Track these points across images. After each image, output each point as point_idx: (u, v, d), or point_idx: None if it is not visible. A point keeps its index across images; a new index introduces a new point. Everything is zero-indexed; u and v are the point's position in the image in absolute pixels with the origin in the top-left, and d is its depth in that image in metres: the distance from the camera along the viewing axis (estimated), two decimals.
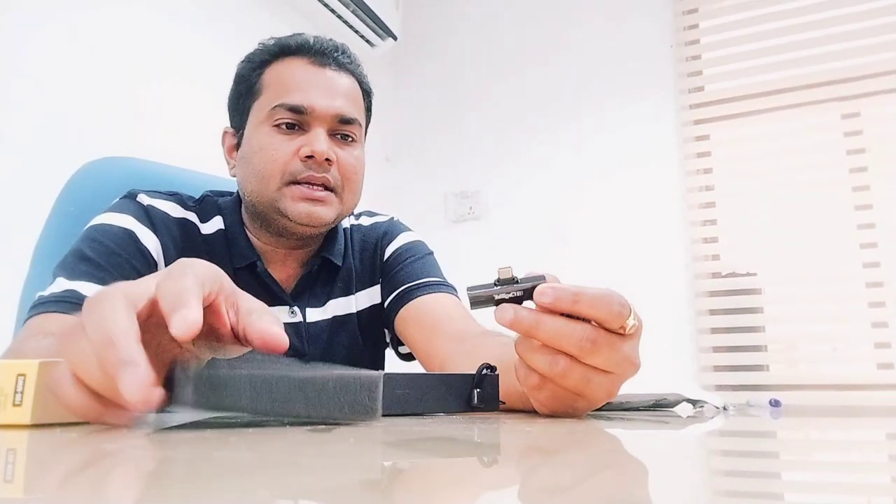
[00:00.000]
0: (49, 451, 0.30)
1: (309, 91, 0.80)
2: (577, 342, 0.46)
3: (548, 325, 0.46)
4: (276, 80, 0.82)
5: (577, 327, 0.46)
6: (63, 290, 0.69)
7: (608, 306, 0.46)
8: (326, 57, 0.83)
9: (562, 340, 0.46)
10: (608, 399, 0.51)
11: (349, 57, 0.86)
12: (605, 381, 0.48)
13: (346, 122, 0.82)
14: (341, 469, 0.25)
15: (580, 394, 0.48)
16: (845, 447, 0.41)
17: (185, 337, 0.36)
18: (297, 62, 0.82)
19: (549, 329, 0.46)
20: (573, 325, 0.46)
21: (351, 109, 0.82)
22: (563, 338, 0.46)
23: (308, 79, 0.81)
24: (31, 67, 1.31)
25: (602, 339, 0.46)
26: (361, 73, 0.88)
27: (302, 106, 0.79)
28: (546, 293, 0.46)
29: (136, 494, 0.21)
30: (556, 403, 0.50)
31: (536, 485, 0.23)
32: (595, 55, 2.31)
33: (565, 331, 0.46)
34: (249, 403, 0.38)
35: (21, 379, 0.38)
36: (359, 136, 0.85)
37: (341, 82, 0.83)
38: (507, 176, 2.37)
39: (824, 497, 0.23)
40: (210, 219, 0.86)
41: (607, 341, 0.46)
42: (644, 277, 2.07)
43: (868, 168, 1.98)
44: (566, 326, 0.46)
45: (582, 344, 0.46)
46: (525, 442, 0.36)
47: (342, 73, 0.84)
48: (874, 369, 1.90)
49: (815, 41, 2.06)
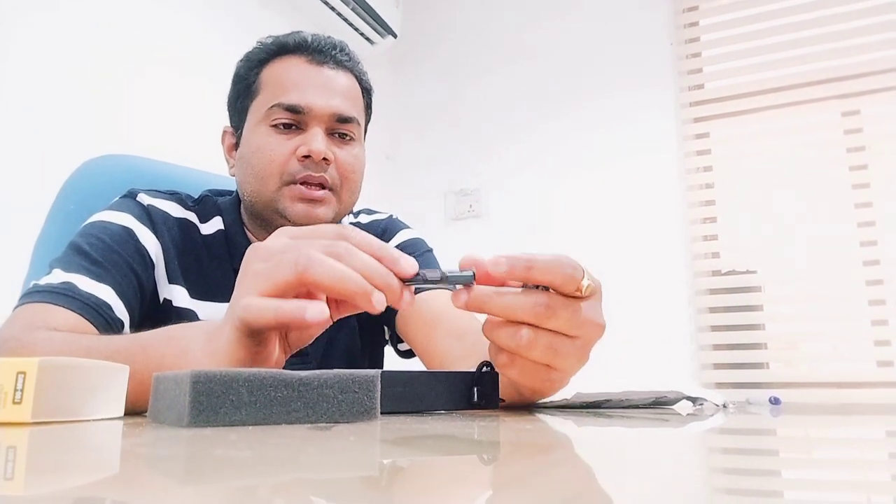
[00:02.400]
0: (49, 449, 0.30)
1: (306, 90, 0.80)
2: (531, 308, 0.46)
3: (500, 298, 0.47)
4: (274, 79, 0.81)
5: (530, 295, 0.47)
6: (60, 283, 0.68)
7: (560, 269, 0.47)
8: (324, 55, 0.83)
9: (517, 310, 0.47)
10: (579, 365, 0.51)
11: (348, 55, 0.85)
12: (571, 347, 0.49)
13: (344, 121, 0.82)
14: (341, 467, 0.25)
15: (549, 364, 0.49)
16: (845, 445, 0.41)
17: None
18: (295, 61, 0.82)
19: (503, 302, 0.47)
20: (525, 293, 0.47)
21: (349, 108, 0.82)
22: (518, 307, 0.47)
23: (305, 78, 0.81)
24: (30, 65, 1.31)
25: (557, 303, 0.47)
26: (360, 70, 0.87)
27: (299, 105, 0.79)
28: (500, 262, 0.47)
29: (135, 492, 0.21)
30: (530, 378, 0.50)
31: (535, 483, 0.23)
32: (595, 53, 2.31)
33: (518, 300, 0.47)
34: (248, 405, 0.38)
35: (21, 376, 0.38)
36: (357, 135, 0.84)
37: (339, 81, 0.83)
38: (506, 174, 2.37)
39: (824, 495, 0.23)
40: (210, 219, 0.86)
41: (563, 304, 0.47)
42: (644, 275, 2.07)
43: (868, 166, 1.98)
44: (518, 296, 0.47)
45: (537, 310, 0.46)
46: (525, 439, 0.36)
47: (340, 71, 0.84)
48: (874, 367, 1.90)
49: (815, 39, 2.06)
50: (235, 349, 0.48)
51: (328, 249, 0.46)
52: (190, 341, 0.53)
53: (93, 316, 0.67)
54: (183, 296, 0.80)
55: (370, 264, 0.46)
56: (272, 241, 0.50)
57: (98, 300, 0.68)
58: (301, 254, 0.45)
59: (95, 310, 0.68)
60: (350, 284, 0.45)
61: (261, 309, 0.45)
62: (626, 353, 1.99)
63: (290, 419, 0.39)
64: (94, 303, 0.68)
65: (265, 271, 0.47)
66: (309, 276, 0.45)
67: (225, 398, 0.37)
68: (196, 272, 0.81)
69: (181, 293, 0.80)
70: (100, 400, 0.43)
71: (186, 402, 0.36)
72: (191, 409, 0.36)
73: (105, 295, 0.70)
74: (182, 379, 0.37)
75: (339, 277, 0.45)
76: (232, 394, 0.37)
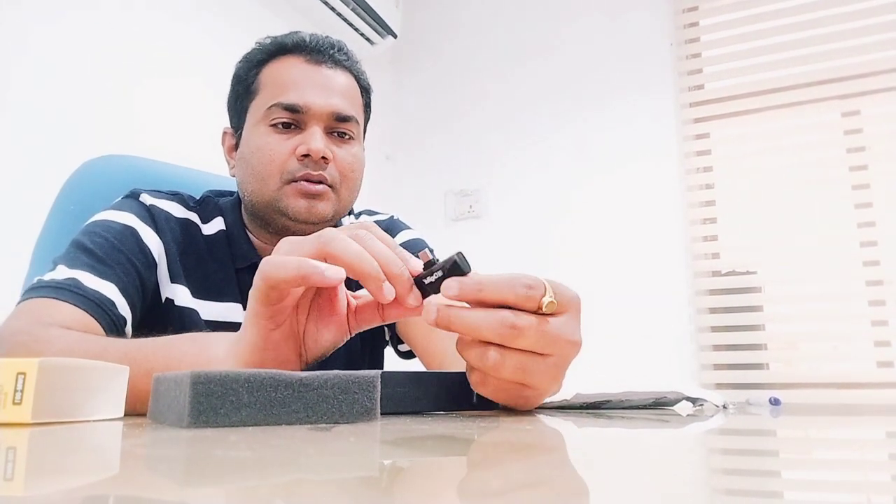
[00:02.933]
0: (49, 450, 0.30)
1: (304, 90, 0.80)
2: (496, 329, 0.45)
3: (463, 317, 0.46)
4: (272, 79, 0.82)
5: (493, 314, 0.45)
6: (65, 278, 0.68)
7: (512, 289, 0.45)
8: (322, 54, 0.83)
9: (480, 330, 0.46)
10: (555, 384, 0.50)
11: (346, 54, 0.85)
12: (543, 365, 0.47)
13: (343, 120, 0.82)
14: (341, 468, 0.25)
15: (521, 383, 0.48)
16: (845, 445, 0.41)
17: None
18: (293, 61, 0.82)
19: (466, 321, 0.46)
20: (489, 312, 0.46)
21: (347, 107, 0.82)
22: (481, 327, 0.45)
23: (304, 77, 0.81)
24: (31, 65, 1.31)
25: (522, 322, 0.45)
26: (359, 69, 0.87)
27: (297, 105, 0.79)
28: (451, 287, 0.46)
29: (135, 493, 0.21)
30: (504, 396, 0.49)
31: (535, 484, 0.23)
32: (595, 53, 2.31)
33: (481, 320, 0.45)
34: (248, 406, 0.38)
35: (21, 377, 0.38)
36: (356, 134, 0.85)
37: (337, 80, 0.83)
38: (506, 174, 2.37)
39: (824, 495, 0.23)
40: (211, 219, 0.86)
41: (528, 323, 0.45)
42: (644, 276, 2.07)
43: (868, 166, 1.98)
44: (481, 315, 0.45)
45: (501, 330, 0.45)
46: (525, 440, 0.36)
47: (338, 70, 0.84)
48: (874, 367, 1.90)
49: (816, 39, 2.06)
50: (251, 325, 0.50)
51: (350, 233, 0.49)
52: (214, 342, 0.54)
53: (97, 312, 0.67)
54: (185, 295, 0.80)
55: (386, 252, 0.48)
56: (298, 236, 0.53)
57: (102, 297, 0.69)
58: (325, 234, 0.49)
59: (99, 306, 0.68)
60: (366, 265, 0.47)
61: (284, 262, 0.47)
62: (626, 354, 1.99)
63: (290, 420, 0.39)
64: (98, 299, 0.68)
65: (291, 250, 0.50)
66: (330, 249, 0.48)
67: (225, 399, 0.37)
68: (198, 272, 0.82)
69: (183, 292, 0.80)
70: (100, 400, 0.43)
71: (186, 403, 0.36)
72: (191, 410, 0.36)
73: (109, 292, 0.70)
74: (182, 379, 0.37)
75: (357, 256, 0.47)
76: (232, 394, 0.37)
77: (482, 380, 0.48)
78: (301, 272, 0.47)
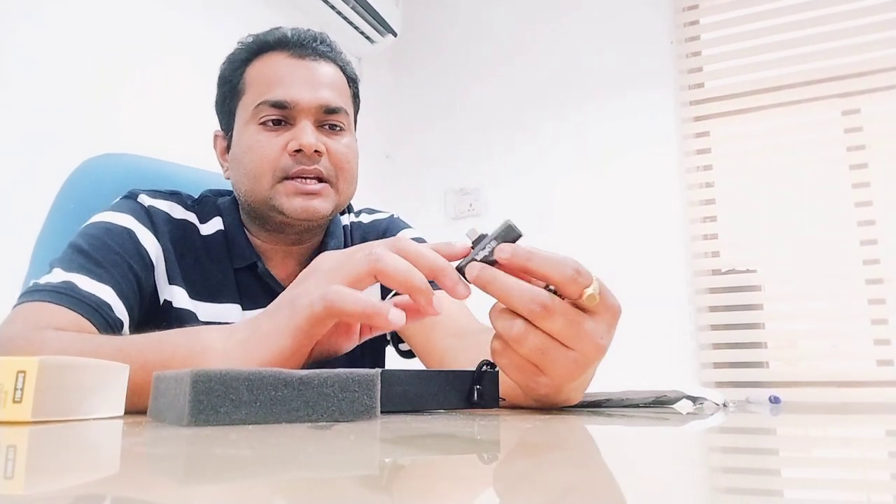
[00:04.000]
0: (49, 448, 0.30)
1: (291, 85, 0.79)
2: (527, 301, 0.45)
3: (500, 280, 0.47)
4: (258, 77, 0.81)
5: (530, 287, 0.46)
6: (60, 282, 0.68)
7: (560, 268, 0.46)
8: (305, 48, 0.82)
9: (511, 298, 0.46)
10: (571, 383, 0.49)
11: (329, 45, 0.85)
12: (564, 357, 0.47)
13: (332, 112, 0.81)
14: (341, 466, 0.25)
15: (538, 365, 0.48)
16: (845, 444, 0.41)
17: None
18: (277, 57, 0.82)
19: (502, 285, 0.46)
20: (526, 283, 0.46)
21: (335, 98, 0.82)
22: (513, 295, 0.46)
23: (289, 72, 0.80)
24: (30, 64, 1.31)
25: (556, 306, 0.46)
26: (344, 59, 0.87)
27: (285, 101, 0.79)
28: (504, 250, 0.47)
29: (136, 491, 0.21)
30: (518, 375, 0.49)
31: (536, 482, 0.23)
32: (595, 51, 2.31)
33: (515, 288, 0.46)
34: (248, 404, 0.38)
35: (21, 375, 0.38)
36: (347, 125, 0.84)
37: (323, 72, 0.82)
38: (506, 173, 2.37)
39: (824, 493, 0.23)
40: (209, 219, 0.85)
41: (562, 309, 0.46)
42: (644, 274, 2.07)
43: (868, 165, 1.98)
44: (518, 284, 0.46)
45: (532, 305, 0.45)
46: (524, 439, 0.36)
47: (323, 62, 0.83)
48: (874, 366, 1.91)
49: (816, 38, 2.06)
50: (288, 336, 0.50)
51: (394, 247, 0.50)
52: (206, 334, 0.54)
53: (93, 316, 0.67)
54: (183, 297, 0.80)
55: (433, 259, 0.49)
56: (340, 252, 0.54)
57: (98, 300, 0.69)
58: (373, 250, 0.49)
59: (95, 309, 0.68)
60: (417, 282, 0.48)
61: (354, 298, 0.48)
62: (626, 352, 1.99)
63: (290, 418, 0.39)
64: (94, 302, 0.68)
65: (339, 267, 0.51)
66: (380, 267, 0.48)
67: (225, 397, 0.37)
68: (196, 273, 0.81)
69: (181, 294, 0.80)
70: (100, 399, 0.43)
71: (186, 401, 0.36)
72: (191, 408, 0.36)
73: (105, 295, 0.70)
74: (182, 378, 0.37)
75: (407, 273, 0.48)
76: (232, 393, 0.37)
77: (501, 349, 0.49)
78: (367, 312, 0.47)
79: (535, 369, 0.48)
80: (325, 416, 0.40)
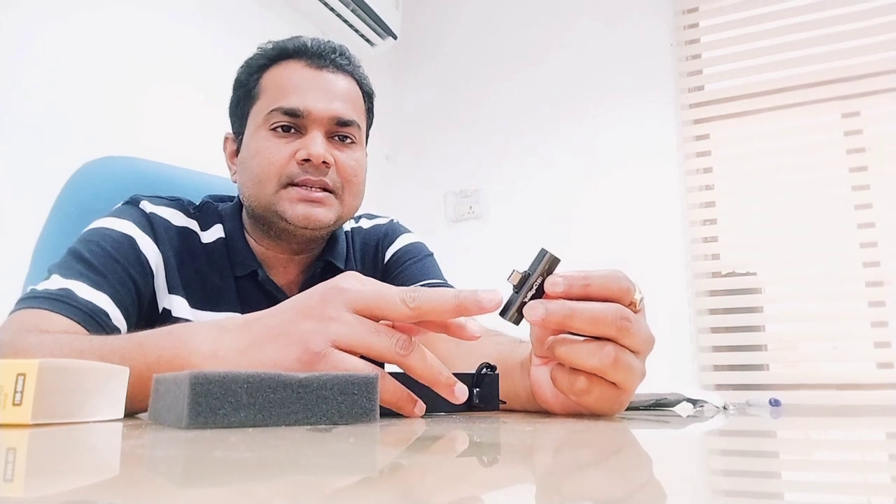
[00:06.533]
0: (49, 451, 0.30)
1: (305, 94, 0.79)
2: (614, 322, 0.45)
3: (583, 310, 0.45)
4: (274, 83, 0.81)
5: (611, 307, 0.45)
6: (58, 289, 0.67)
7: (617, 282, 0.46)
8: (324, 59, 0.82)
9: (599, 323, 0.45)
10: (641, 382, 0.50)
11: (347, 58, 0.85)
12: (639, 365, 0.47)
13: (344, 124, 0.81)
14: (341, 469, 0.25)
15: (621, 383, 0.47)
16: (845, 446, 0.41)
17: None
18: (295, 65, 0.82)
19: (587, 314, 0.45)
20: (606, 305, 0.45)
21: (349, 111, 0.82)
22: (601, 320, 0.45)
23: (305, 81, 0.80)
24: (32, 67, 1.31)
25: (632, 316, 0.46)
26: (361, 74, 0.87)
27: (298, 109, 0.79)
28: (557, 282, 0.46)
29: (135, 494, 0.21)
30: (604, 404, 0.48)
31: (536, 484, 0.23)
32: (595, 54, 2.31)
33: (602, 312, 0.45)
34: (247, 407, 0.38)
35: (21, 378, 0.38)
36: (358, 138, 0.84)
37: (339, 84, 0.82)
38: (506, 175, 2.37)
39: (824, 496, 0.23)
40: (210, 227, 0.85)
41: (635, 317, 0.46)
42: (644, 277, 2.06)
43: (868, 167, 1.98)
44: (601, 308, 0.45)
45: (620, 323, 0.45)
46: (525, 441, 0.36)
47: (340, 74, 0.83)
48: (874, 368, 1.90)
49: (815, 40, 2.06)
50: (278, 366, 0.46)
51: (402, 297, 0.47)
52: (192, 336, 0.52)
53: (89, 323, 0.67)
54: (182, 306, 0.79)
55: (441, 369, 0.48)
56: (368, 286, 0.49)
57: (95, 307, 0.68)
58: (399, 339, 0.46)
59: (92, 317, 0.67)
60: (442, 378, 0.47)
61: (396, 387, 0.47)
62: None
63: (289, 421, 0.39)
64: (91, 310, 0.68)
65: (363, 331, 0.46)
66: (409, 362, 0.46)
67: (224, 400, 0.37)
68: (196, 282, 0.81)
69: (181, 303, 0.79)
70: (100, 401, 0.43)
71: (185, 404, 0.36)
72: (190, 411, 0.36)
73: (102, 303, 0.69)
74: (181, 380, 0.37)
75: (434, 371, 0.47)
76: (231, 395, 0.37)
77: (588, 386, 0.47)
78: (395, 397, 0.47)
79: (617, 391, 0.48)
80: (324, 419, 0.40)
